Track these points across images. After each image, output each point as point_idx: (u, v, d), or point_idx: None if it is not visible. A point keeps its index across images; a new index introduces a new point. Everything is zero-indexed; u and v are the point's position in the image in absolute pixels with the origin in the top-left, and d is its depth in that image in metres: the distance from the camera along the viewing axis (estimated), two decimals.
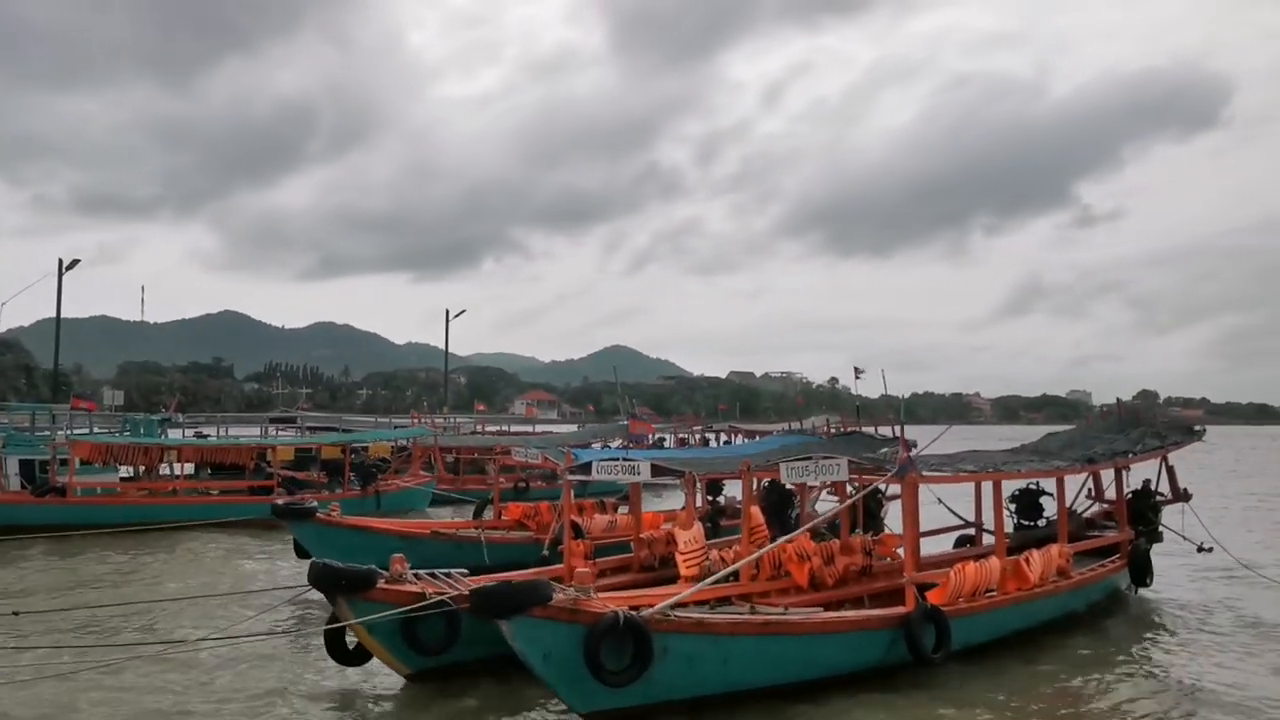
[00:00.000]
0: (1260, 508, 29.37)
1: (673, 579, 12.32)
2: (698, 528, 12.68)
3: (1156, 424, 17.30)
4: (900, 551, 12.31)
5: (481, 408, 75.75)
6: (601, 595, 9.23)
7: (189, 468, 27.82)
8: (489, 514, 19.46)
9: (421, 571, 10.13)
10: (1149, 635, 12.84)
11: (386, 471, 28.15)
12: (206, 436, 40.32)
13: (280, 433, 42.23)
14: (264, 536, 20.65)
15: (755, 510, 13.61)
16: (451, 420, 50.50)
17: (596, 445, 31.50)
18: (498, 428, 52.20)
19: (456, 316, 57.12)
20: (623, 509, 18.01)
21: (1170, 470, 16.59)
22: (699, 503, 17.85)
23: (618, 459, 13.18)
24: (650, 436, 30.20)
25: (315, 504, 16.16)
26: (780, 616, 10.12)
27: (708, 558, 12.23)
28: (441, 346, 60.05)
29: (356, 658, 10.15)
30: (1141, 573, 14.33)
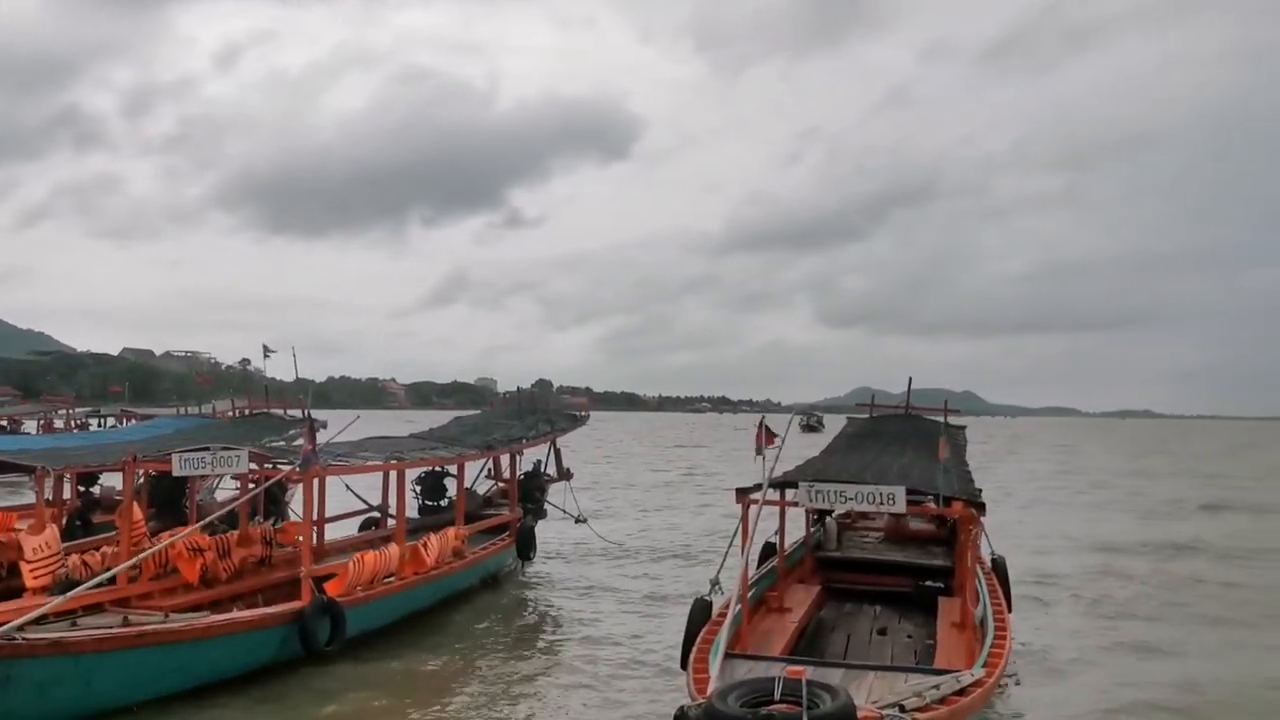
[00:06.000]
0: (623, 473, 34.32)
1: (19, 592, 10.33)
2: (51, 531, 10.88)
3: (549, 411, 19.19)
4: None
5: None
6: None
7: None
8: None
9: None
10: (531, 602, 14.09)
11: None
12: None
13: None
14: None
15: (135, 509, 12.02)
16: None
17: None
18: None
19: None
20: None
21: (558, 452, 18.57)
22: (67, 496, 15.52)
23: None
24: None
25: None
26: (159, 625, 9.02)
27: (64, 565, 10.51)
28: None
29: None
30: (526, 547, 15.66)
